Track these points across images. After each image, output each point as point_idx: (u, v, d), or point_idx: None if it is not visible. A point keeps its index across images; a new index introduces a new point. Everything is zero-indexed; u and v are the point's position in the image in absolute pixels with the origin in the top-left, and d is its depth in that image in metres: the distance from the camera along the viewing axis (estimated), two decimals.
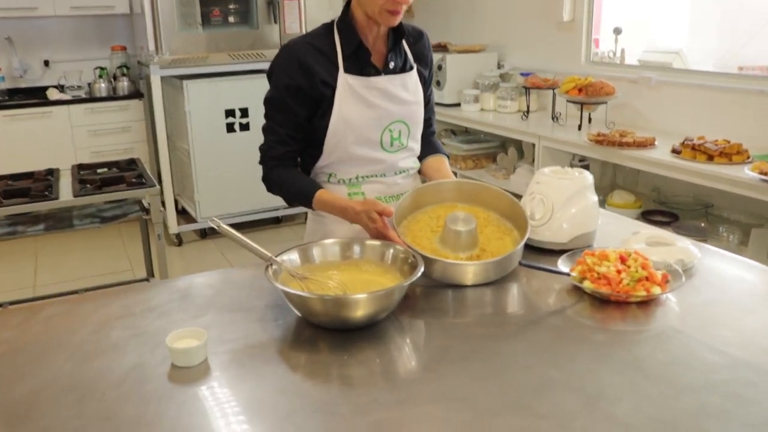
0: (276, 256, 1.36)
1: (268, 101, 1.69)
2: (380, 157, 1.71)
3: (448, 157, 1.87)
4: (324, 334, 1.28)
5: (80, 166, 3.10)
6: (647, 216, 3.30)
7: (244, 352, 1.22)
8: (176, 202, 4.58)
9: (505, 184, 4.11)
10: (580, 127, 3.63)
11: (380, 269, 1.44)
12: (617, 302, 1.37)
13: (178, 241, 4.44)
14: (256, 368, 1.16)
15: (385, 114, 1.68)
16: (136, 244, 3.77)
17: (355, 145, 1.67)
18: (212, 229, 5.05)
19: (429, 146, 1.86)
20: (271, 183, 1.70)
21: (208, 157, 4.33)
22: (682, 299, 1.38)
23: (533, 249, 1.64)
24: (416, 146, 1.79)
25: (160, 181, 4.53)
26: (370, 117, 1.66)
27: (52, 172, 3.01)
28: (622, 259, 1.43)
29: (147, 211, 2.82)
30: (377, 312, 1.28)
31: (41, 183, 2.83)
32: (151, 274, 3.35)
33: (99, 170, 3.04)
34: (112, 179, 2.84)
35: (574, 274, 1.44)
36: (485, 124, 4.26)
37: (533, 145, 3.83)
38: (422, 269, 1.34)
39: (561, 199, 1.62)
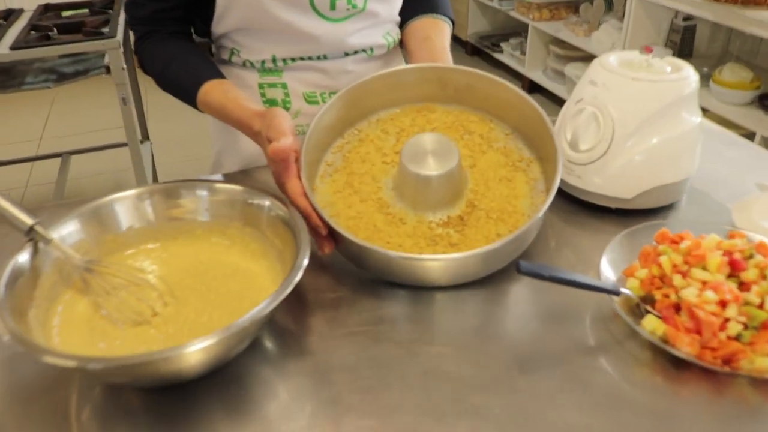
0: (49, 228, 0.68)
1: None
2: (313, 28, 0.92)
3: (453, 22, 1.06)
4: (132, 398, 0.63)
5: (47, 7, 2.42)
6: (765, 101, 2.35)
7: None
8: None
9: (584, 43, 3.16)
10: None
11: (248, 241, 0.75)
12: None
13: None
14: None
15: None
16: (152, 96, 3.15)
17: (265, 3, 0.90)
18: None
19: (420, 0, 1.05)
20: (143, 63, 0.97)
21: None
22: None
23: (566, 200, 0.89)
24: (385, 8, 0.98)
25: None
26: None
27: (10, 14, 2.36)
28: (734, 266, 0.67)
29: (107, 69, 2.15)
30: (221, 356, 0.61)
31: None
32: (146, 137, 2.77)
33: (65, 13, 2.36)
34: (72, 26, 2.16)
35: (627, 291, 0.69)
36: None
37: None
38: (305, 261, 0.64)
39: (632, 118, 0.83)
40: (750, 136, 2.31)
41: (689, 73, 0.84)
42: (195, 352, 0.56)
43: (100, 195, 0.74)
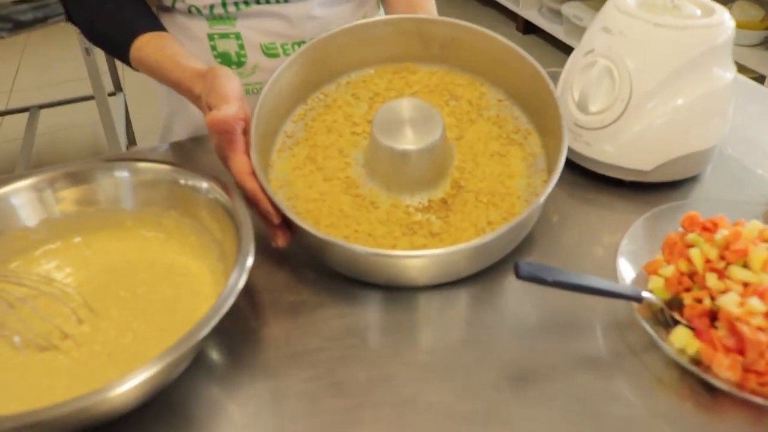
0: None
1: None
2: None
3: None
4: None
5: None
6: None
7: None
8: None
9: None
10: None
11: (186, 234, 0.61)
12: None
13: None
14: None
15: None
16: None
17: None
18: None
19: None
20: (69, 10, 0.80)
21: None
22: None
23: (572, 169, 0.75)
24: None
25: None
26: None
27: None
28: None
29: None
30: (147, 393, 0.48)
31: None
32: (119, 88, 2.58)
33: None
34: None
35: (650, 296, 0.55)
36: None
37: None
38: (249, 261, 0.51)
39: (654, 73, 0.68)
40: (759, 79, 2.14)
41: (723, 18, 0.68)
42: (105, 400, 0.43)
43: (72, 151, 0.59)
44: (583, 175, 0.75)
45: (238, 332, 0.58)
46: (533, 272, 0.51)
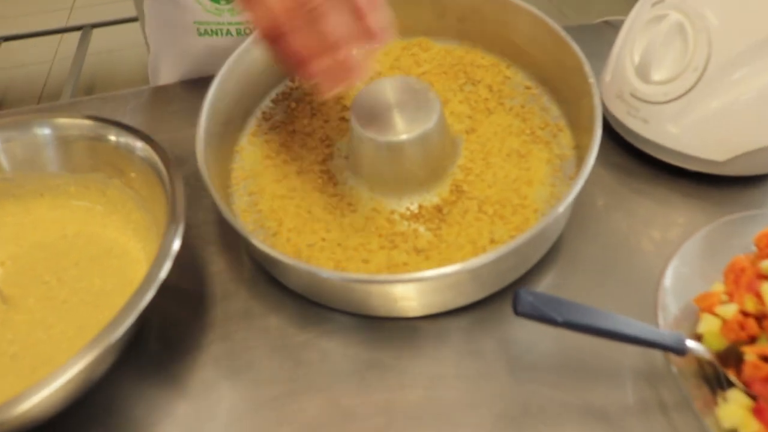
0: None
1: None
2: None
3: None
4: None
5: None
6: None
7: None
8: None
9: None
10: None
11: (130, 209, 0.50)
12: None
13: None
14: None
15: None
16: None
17: None
18: None
19: None
20: None
21: None
22: None
23: (623, 150, 0.60)
24: None
25: None
26: None
27: None
28: None
29: None
30: (64, 402, 0.39)
31: None
32: None
33: None
34: None
35: (697, 347, 0.41)
36: None
37: None
38: (176, 245, 0.42)
39: (742, 36, 0.51)
40: None
41: None
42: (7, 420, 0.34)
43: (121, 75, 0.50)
44: (637, 159, 0.59)
45: (181, 331, 0.48)
46: (538, 307, 0.38)
